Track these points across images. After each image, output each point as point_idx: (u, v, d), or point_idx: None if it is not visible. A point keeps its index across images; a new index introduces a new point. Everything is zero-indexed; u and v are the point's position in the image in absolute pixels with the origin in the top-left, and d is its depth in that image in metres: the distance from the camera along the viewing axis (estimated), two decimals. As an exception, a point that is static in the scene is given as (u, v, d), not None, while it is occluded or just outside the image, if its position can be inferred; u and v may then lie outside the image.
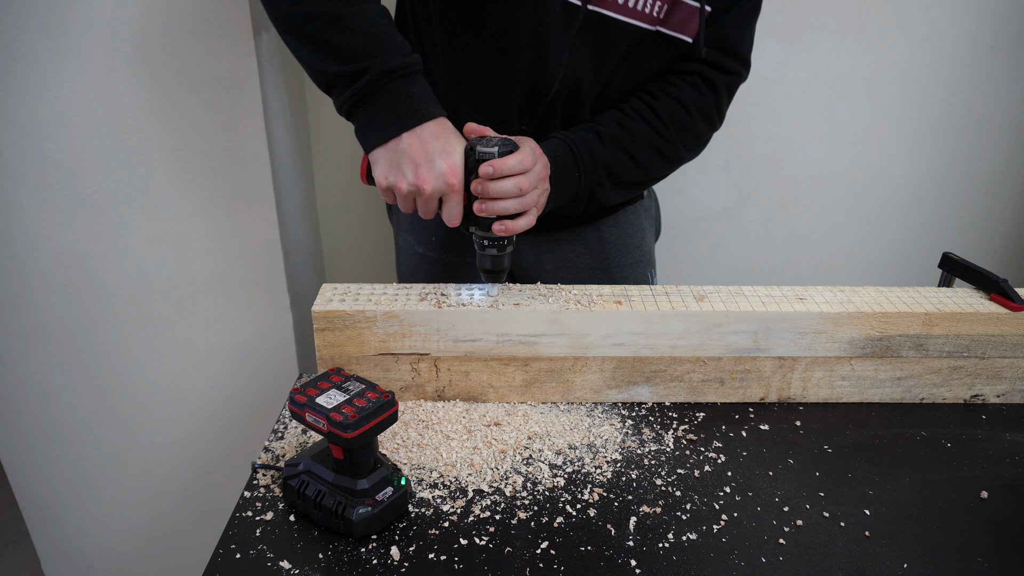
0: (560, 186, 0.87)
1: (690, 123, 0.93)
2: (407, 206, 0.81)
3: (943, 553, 0.69)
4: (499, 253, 0.85)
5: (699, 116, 0.93)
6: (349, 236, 1.53)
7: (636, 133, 0.91)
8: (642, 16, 0.86)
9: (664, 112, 0.92)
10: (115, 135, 1.07)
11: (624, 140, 0.91)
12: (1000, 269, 1.46)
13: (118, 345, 1.23)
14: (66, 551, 1.44)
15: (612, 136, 0.90)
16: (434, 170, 0.77)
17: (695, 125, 0.94)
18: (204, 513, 1.40)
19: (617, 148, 0.91)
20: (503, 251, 0.85)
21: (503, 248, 0.84)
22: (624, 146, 0.91)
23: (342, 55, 0.78)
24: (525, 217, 0.82)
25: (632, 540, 0.69)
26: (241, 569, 0.65)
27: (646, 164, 0.93)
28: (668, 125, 0.92)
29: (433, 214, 0.82)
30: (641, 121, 0.91)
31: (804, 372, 0.89)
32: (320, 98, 1.39)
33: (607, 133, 0.90)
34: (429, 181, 0.77)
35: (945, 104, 1.49)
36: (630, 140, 0.91)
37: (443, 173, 0.77)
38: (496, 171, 0.78)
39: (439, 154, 0.77)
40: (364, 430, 0.66)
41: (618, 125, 0.91)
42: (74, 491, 1.36)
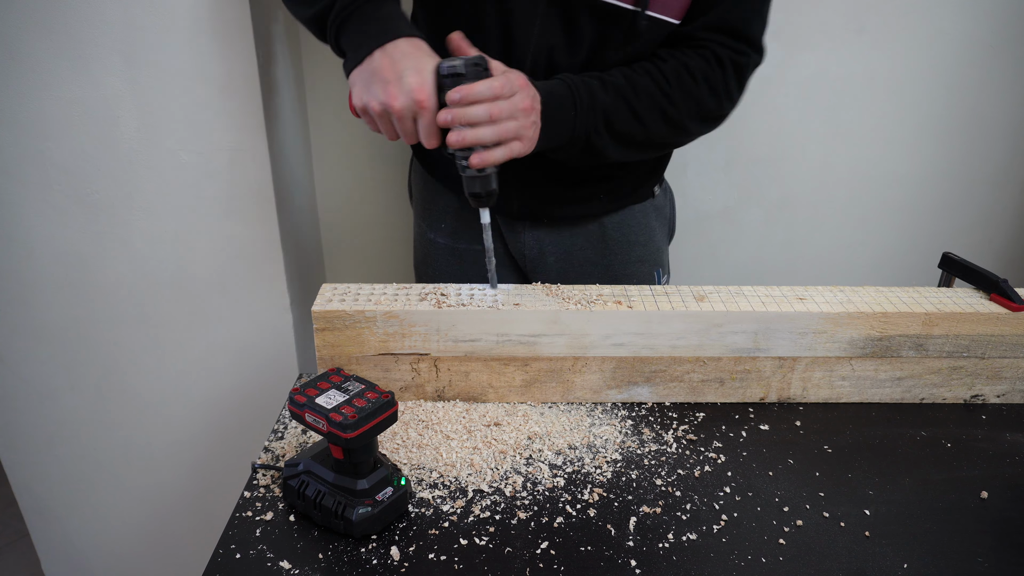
0: (554, 124, 0.84)
1: (695, 90, 0.90)
2: (386, 128, 0.80)
3: (943, 553, 0.69)
4: (479, 174, 0.81)
5: (705, 87, 0.91)
6: (349, 236, 1.53)
7: (640, 87, 0.89)
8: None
9: (670, 73, 0.89)
10: (115, 135, 1.07)
11: (627, 91, 0.88)
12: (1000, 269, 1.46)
13: (118, 345, 1.23)
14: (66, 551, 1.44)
15: (615, 85, 0.88)
16: (402, 86, 0.75)
17: (700, 94, 0.91)
18: (204, 513, 1.40)
19: (619, 97, 0.88)
20: (483, 171, 0.81)
21: (485, 168, 0.80)
22: (626, 97, 0.88)
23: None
24: (503, 147, 0.79)
25: (632, 540, 0.69)
26: (241, 569, 0.65)
27: (646, 121, 0.90)
28: (672, 86, 0.89)
29: (414, 136, 0.79)
30: (647, 78, 0.89)
31: (804, 372, 0.89)
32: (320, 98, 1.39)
33: (611, 81, 0.88)
34: (398, 97, 0.75)
35: (945, 104, 1.49)
36: (633, 93, 0.88)
37: (411, 89, 0.75)
38: (463, 97, 0.76)
39: (408, 71, 0.76)
40: (364, 430, 0.66)
41: (623, 77, 0.89)
42: (74, 491, 1.36)
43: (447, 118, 0.77)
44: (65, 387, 1.26)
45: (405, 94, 0.75)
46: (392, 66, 0.76)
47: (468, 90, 0.76)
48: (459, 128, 0.77)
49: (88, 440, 1.31)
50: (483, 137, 0.77)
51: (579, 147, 0.89)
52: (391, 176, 1.48)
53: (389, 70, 0.76)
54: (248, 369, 1.28)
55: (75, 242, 1.13)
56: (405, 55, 0.77)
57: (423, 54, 0.78)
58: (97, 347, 1.22)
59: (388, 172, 1.47)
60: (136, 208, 1.12)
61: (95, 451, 1.32)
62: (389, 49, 0.77)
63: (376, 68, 0.77)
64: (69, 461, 1.33)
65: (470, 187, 0.82)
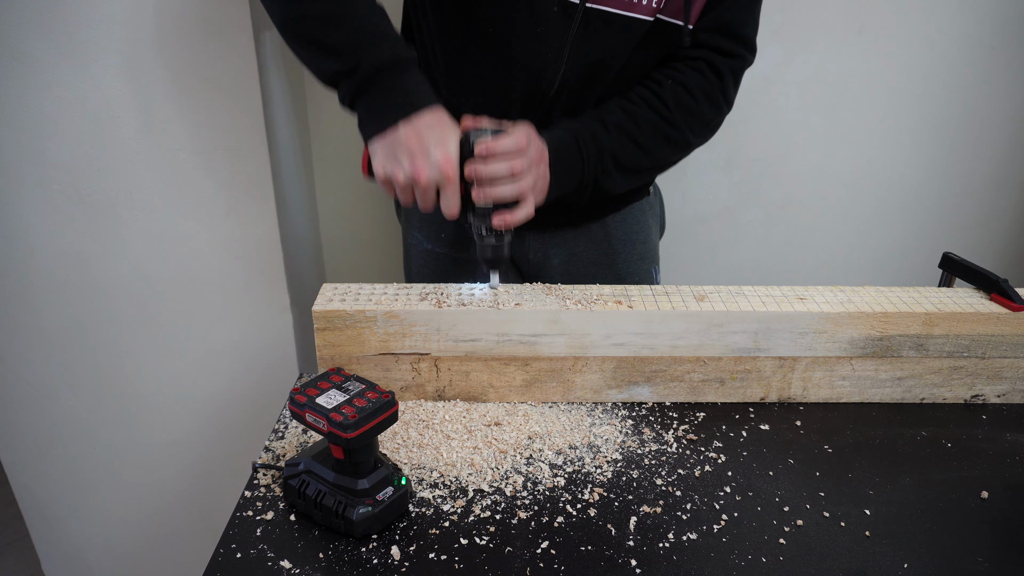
0: (562, 174, 0.87)
1: (695, 107, 0.92)
2: (406, 197, 0.81)
3: (943, 553, 0.69)
4: (498, 243, 0.84)
5: (704, 100, 0.93)
6: (349, 236, 1.53)
7: (641, 119, 0.91)
8: (641, 8, 0.86)
9: (669, 97, 0.91)
10: (115, 135, 1.07)
11: (629, 127, 0.90)
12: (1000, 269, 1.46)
13: (118, 345, 1.23)
14: (66, 551, 1.44)
15: (616, 124, 0.90)
16: (429, 159, 0.77)
17: (700, 109, 0.93)
18: (204, 513, 1.40)
19: (622, 135, 0.90)
20: (501, 240, 0.84)
21: (501, 237, 0.84)
22: (629, 133, 0.90)
23: (336, 52, 0.79)
24: (523, 208, 0.82)
25: (632, 540, 0.69)
26: (241, 569, 0.65)
27: (652, 150, 0.93)
28: (673, 110, 0.91)
29: (432, 205, 0.81)
30: (646, 107, 0.91)
31: (804, 372, 0.89)
32: (320, 98, 1.39)
33: (611, 121, 0.90)
34: (425, 171, 0.77)
35: (945, 104, 1.49)
36: (635, 127, 0.90)
37: (438, 162, 0.77)
38: (488, 151, 0.78)
39: (434, 144, 0.78)
40: (364, 430, 0.66)
41: (623, 112, 0.91)
42: (74, 491, 1.36)
43: (470, 175, 0.79)
44: (65, 387, 1.25)
45: (432, 167, 0.77)
46: (418, 138, 0.78)
47: (494, 144, 0.78)
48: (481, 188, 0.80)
49: (88, 440, 1.31)
50: (504, 193, 0.80)
51: (589, 190, 0.91)
52: (391, 176, 1.48)
53: (415, 143, 0.77)
54: (248, 369, 1.28)
55: (75, 242, 1.13)
56: (430, 127, 0.78)
57: (446, 126, 0.80)
58: (97, 347, 1.22)
59: (388, 172, 1.47)
60: (136, 208, 1.12)
61: (95, 451, 1.32)
62: (414, 121, 0.78)
63: (401, 140, 0.78)
64: (69, 461, 1.33)
65: (483, 253, 0.86)
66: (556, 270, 1.05)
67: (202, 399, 1.29)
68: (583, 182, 0.90)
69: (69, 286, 1.17)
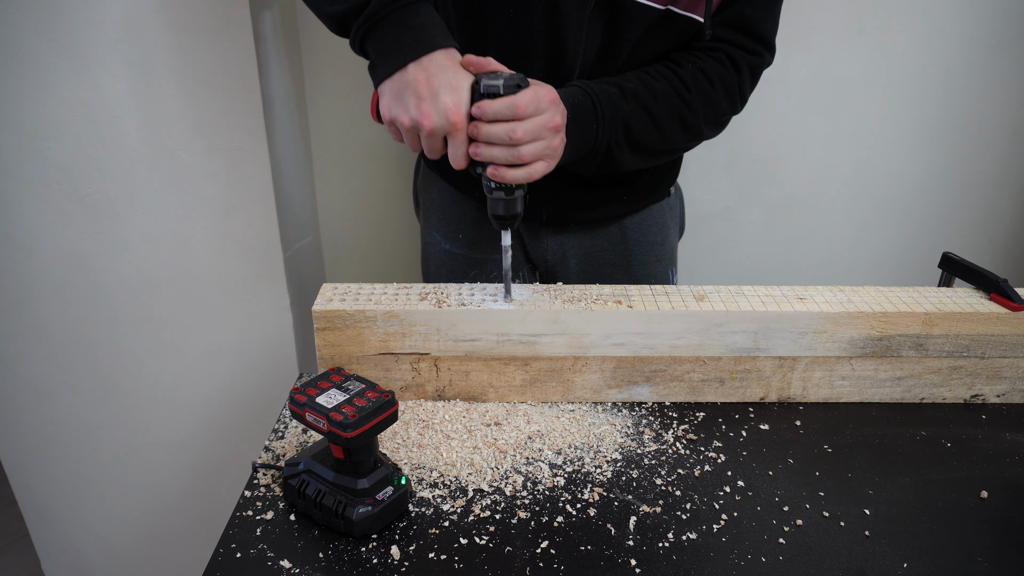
0: (577, 137, 0.82)
1: (713, 95, 0.89)
2: (412, 142, 0.77)
3: (943, 553, 0.69)
4: (507, 197, 0.79)
5: (722, 90, 0.90)
6: (349, 236, 1.53)
7: (659, 94, 0.87)
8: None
9: (689, 78, 0.88)
10: (115, 135, 1.07)
11: (647, 99, 0.86)
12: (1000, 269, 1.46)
13: (118, 345, 1.23)
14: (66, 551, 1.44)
15: (635, 93, 0.86)
16: (437, 105, 0.73)
17: (717, 98, 0.90)
18: (204, 513, 1.40)
19: (639, 106, 0.86)
20: (511, 195, 0.79)
21: (511, 191, 0.79)
22: (646, 105, 0.87)
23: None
24: (523, 169, 0.77)
25: (632, 540, 0.69)
26: (241, 568, 0.65)
27: (665, 129, 0.89)
28: (692, 91, 0.88)
29: (439, 153, 0.78)
30: (665, 83, 0.88)
31: (804, 372, 0.89)
32: (320, 99, 1.39)
33: (630, 89, 0.86)
34: (431, 116, 0.73)
35: (945, 104, 1.49)
36: (652, 100, 0.87)
37: (446, 109, 0.73)
38: (482, 113, 0.74)
39: (444, 88, 0.73)
40: (364, 430, 0.66)
41: (641, 83, 0.87)
42: (74, 491, 1.36)
43: (471, 131, 0.75)
44: (65, 387, 1.25)
45: (439, 113, 0.73)
46: (427, 81, 0.73)
47: (488, 107, 0.74)
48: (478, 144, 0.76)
49: (88, 440, 1.31)
50: (495, 157, 0.76)
51: (599, 159, 0.87)
52: (391, 176, 1.48)
53: (424, 85, 0.73)
54: (248, 369, 1.28)
55: (75, 242, 1.13)
56: (442, 69, 0.74)
57: (459, 68, 0.75)
58: (97, 347, 1.22)
59: (388, 172, 1.48)
60: (136, 208, 1.12)
61: (95, 451, 1.32)
62: (424, 62, 0.74)
63: (410, 81, 0.74)
64: (69, 461, 1.33)
65: (493, 209, 0.81)
66: (573, 270, 1.04)
67: (202, 399, 1.29)
68: (596, 148, 0.85)
69: (69, 286, 1.17)
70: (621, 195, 1.01)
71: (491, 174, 0.77)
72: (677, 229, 1.13)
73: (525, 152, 0.75)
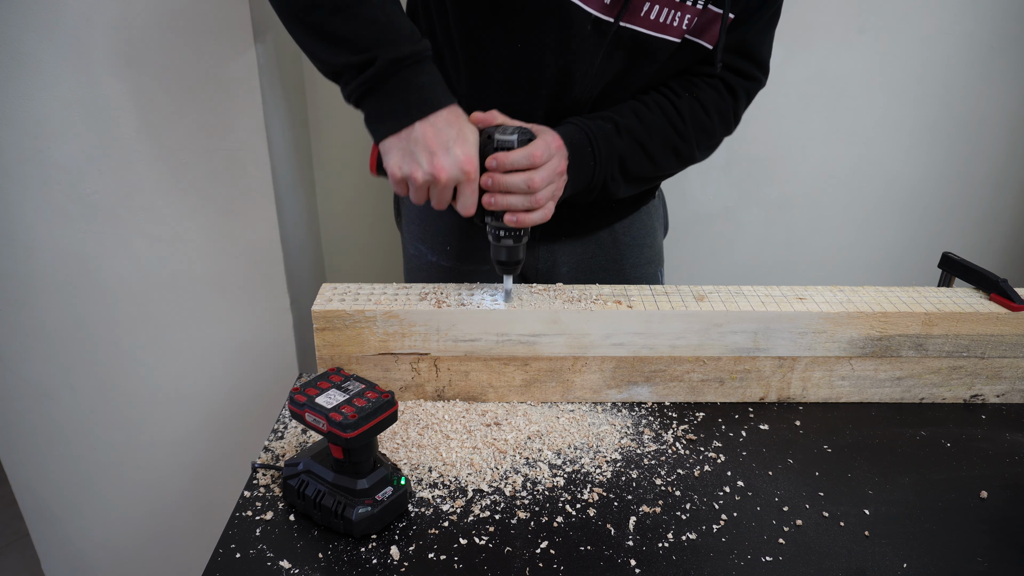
0: (575, 175, 0.85)
1: (708, 125, 0.92)
2: (420, 196, 0.79)
3: (943, 553, 0.69)
4: (515, 244, 0.82)
5: (717, 119, 0.93)
6: (349, 236, 1.53)
7: (653, 128, 0.89)
8: (672, 30, 0.85)
9: (685, 110, 0.90)
10: (115, 135, 1.07)
11: (641, 134, 0.89)
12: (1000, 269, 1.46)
13: (118, 345, 1.23)
14: (66, 551, 1.44)
15: (630, 129, 0.88)
16: (450, 157, 0.75)
17: (712, 127, 0.93)
18: (204, 513, 1.40)
19: (633, 141, 0.88)
20: (519, 242, 0.82)
21: (519, 239, 0.82)
22: (640, 140, 0.89)
23: (349, 45, 0.75)
24: (539, 212, 0.80)
25: (632, 540, 0.69)
26: (241, 569, 0.65)
27: (659, 161, 0.92)
28: (687, 123, 0.90)
29: (447, 204, 0.79)
30: (661, 116, 0.90)
31: (804, 372, 0.89)
32: (320, 99, 1.39)
33: (625, 125, 0.88)
34: (445, 169, 0.75)
35: (945, 104, 1.49)
36: (647, 135, 0.89)
37: (459, 161, 0.75)
38: (500, 165, 0.77)
39: (454, 141, 0.75)
40: (364, 430, 0.66)
41: (636, 118, 0.89)
42: (74, 491, 1.36)
43: (487, 183, 0.78)
44: (65, 387, 1.26)
45: (453, 165, 0.75)
46: (436, 136, 0.75)
47: (504, 159, 0.77)
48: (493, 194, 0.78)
49: (88, 440, 1.31)
50: (515, 205, 0.78)
51: (595, 193, 0.90)
52: (391, 176, 1.48)
53: (434, 141, 0.75)
54: (248, 369, 1.28)
55: (75, 242, 1.13)
56: (448, 124, 0.76)
57: (464, 122, 0.78)
58: (97, 347, 1.22)
59: (388, 172, 1.47)
60: (136, 208, 1.12)
61: (95, 451, 1.32)
62: (432, 119, 0.75)
63: (418, 138, 0.75)
64: (69, 461, 1.33)
65: (497, 255, 0.84)
66: (564, 278, 1.04)
67: (202, 399, 1.29)
68: (592, 185, 0.88)
69: (69, 286, 1.17)
70: (610, 204, 1.02)
71: (509, 221, 0.79)
72: (662, 229, 1.15)
73: (541, 197, 0.79)
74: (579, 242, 1.04)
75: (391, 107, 0.76)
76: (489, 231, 0.83)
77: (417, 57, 0.76)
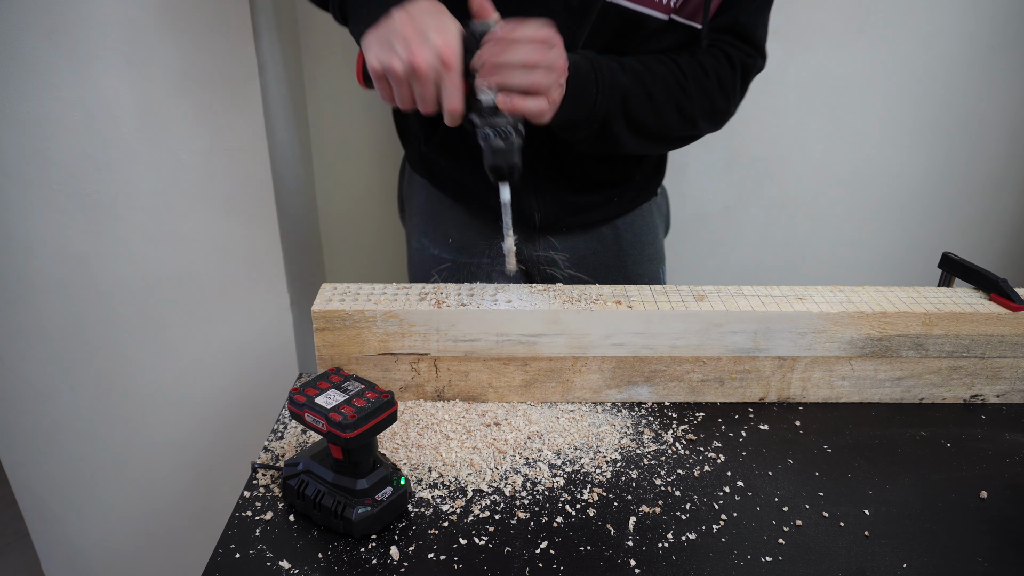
0: (574, 98, 0.81)
1: (708, 86, 0.90)
2: (403, 94, 0.74)
3: (943, 553, 0.69)
4: (507, 145, 0.75)
5: (716, 83, 0.90)
6: (349, 236, 1.53)
7: (657, 75, 0.87)
8: (660, 6, 0.85)
9: (686, 67, 0.89)
10: (115, 135, 1.07)
11: (645, 77, 0.87)
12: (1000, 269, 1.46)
13: (118, 345, 1.23)
14: (66, 551, 1.44)
15: (634, 69, 0.86)
16: (428, 44, 0.70)
17: (712, 90, 0.90)
18: (204, 513, 1.40)
19: (637, 81, 0.86)
20: (510, 141, 0.75)
21: (508, 137, 0.75)
22: (644, 82, 0.87)
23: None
24: (534, 98, 0.74)
25: (632, 540, 0.69)
26: (241, 569, 0.65)
27: (662, 110, 0.89)
28: (688, 79, 0.89)
29: (434, 103, 0.74)
30: (663, 67, 0.88)
31: (804, 372, 0.89)
32: (320, 98, 1.39)
33: (629, 65, 0.86)
34: (424, 55, 0.70)
35: (945, 104, 1.49)
36: (651, 79, 0.87)
37: (438, 47, 0.70)
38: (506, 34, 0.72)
39: (432, 29, 0.71)
40: (363, 430, 0.66)
41: (640, 63, 0.87)
42: (74, 491, 1.36)
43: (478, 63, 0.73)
44: (65, 387, 1.26)
45: (431, 52, 0.70)
46: (413, 24, 0.72)
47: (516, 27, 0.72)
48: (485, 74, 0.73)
49: (88, 440, 1.31)
50: (511, 80, 0.73)
51: (597, 127, 0.86)
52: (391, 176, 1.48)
53: (411, 29, 0.71)
54: (248, 369, 1.28)
55: (75, 242, 1.13)
56: (427, 13, 0.72)
57: (445, 15, 0.73)
58: (97, 347, 1.22)
59: (388, 171, 1.48)
60: (136, 208, 1.12)
61: (95, 451, 1.32)
62: (409, 8, 0.72)
63: (396, 27, 0.72)
64: (69, 461, 1.33)
65: (492, 159, 0.76)
66: (565, 272, 1.05)
67: (202, 399, 1.29)
68: (593, 114, 0.84)
69: (69, 286, 1.17)
70: (612, 196, 1.02)
71: (502, 103, 0.73)
72: (664, 227, 1.15)
73: (538, 78, 0.73)
74: (580, 236, 1.04)
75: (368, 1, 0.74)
76: (479, 134, 0.76)
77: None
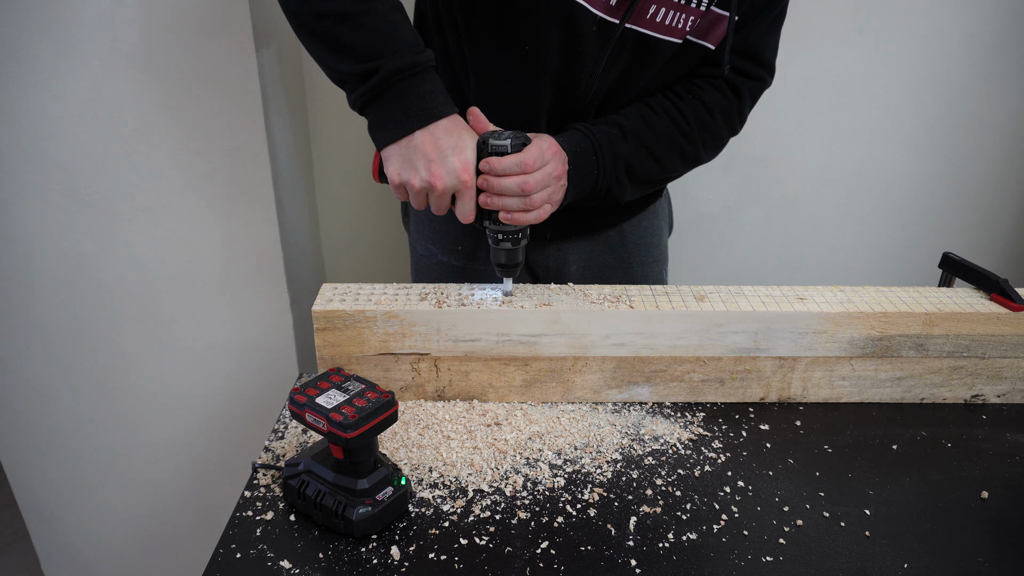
0: (578, 181, 0.87)
1: (712, 126, 0.93)
2: (419, 203, 0.81)
3: (943, 553, 0.69)
4: (513, 247, 0.84)
5: (722, 119, 0.94)
6: (349, 236, 1.53)
7: (659, 130, 0.91)
8: (675, 31, 0.86)
9: (689, 112, 0.91)
10: (115, 135, 1.07)
11: (647, 137, 0.90)
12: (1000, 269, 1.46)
13: (118, 345, 1.23)
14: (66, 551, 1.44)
15: (635, 132, 0.90)
16: (447, 166, 0.77)
17: (717, 128, 0.94)
18: (204, 513, 1.40)
19: (639, 145, 0.90)
20: (517, 244, 0.84)
21: (517, 242, 0.84)
22: (646, 143, 0.90)
23: (353, 54, 0.77)
24: (534, 213, 0.82)
25: (632, 540, 0.69)
26: (241, 569, 0.65)
27: (665, 163, 0.93)
28: (692, 125, 0.92)
29: (446, 210, 0.82)
30: (666, 119, 0.91)
31: (804, 372, 0.89)
32: (320, 98, 1.39)
33: (630, 128, 0.90)
34: (442, 177, 0.77)
35: (945, 104, 1.49)
36: (653, 137, 0.90)
37: (456, 170, 0.77)
38: (492, 169, 0.79)
39: (452, 150, 0.78)
40: (364, 430, 0.66)
41: (642, 120, 0.90)
42: (74, 491, 1.36)
43: (483, 184, 0.80)
44: (65, 387, 1.26)
45: (449, 174, 0.78)
46: (435, 145, 0.78)
47: (497, 164, 0.79)
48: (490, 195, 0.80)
49: (88, 440, 1.31)
50: (510, 207, 0.80)
51: (600, 198, 0.91)
52: (391, 176, 1.48)
53: (432, 150, 0.78)
54: (248, 369, 1.28)
55: (75, 242, 1.13)
56: (447, 133, 0.78)
57: (463, 131, 0.80)
58: (97, 347, 1.22)
59: (388, 172, 1.47)
60: (136, 208, 1.12)
61: (95, 451, 1.32)
62: (431, 128, 0.78)
63: (418, 146, 0.78)
64: (69, 461, 1.33)
65: (496, 258, 0.86)
66: (573, 276, 1.05)
67: (202, 399, 1.29)
68: (596, 190, 0.90)
69: (69, 286, 1.17)
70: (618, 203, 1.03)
71: (504, 219, 0.81)
72: (667, 228, 1.16)
73: (535, 200, 0.81)
74: (588, 241, 1.04)
75: (392, 116, 0.78)
76: (488, 234, 0.85)
77: (419, 68, 0.78)
